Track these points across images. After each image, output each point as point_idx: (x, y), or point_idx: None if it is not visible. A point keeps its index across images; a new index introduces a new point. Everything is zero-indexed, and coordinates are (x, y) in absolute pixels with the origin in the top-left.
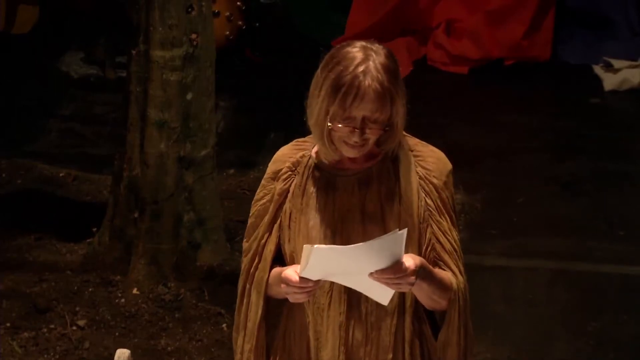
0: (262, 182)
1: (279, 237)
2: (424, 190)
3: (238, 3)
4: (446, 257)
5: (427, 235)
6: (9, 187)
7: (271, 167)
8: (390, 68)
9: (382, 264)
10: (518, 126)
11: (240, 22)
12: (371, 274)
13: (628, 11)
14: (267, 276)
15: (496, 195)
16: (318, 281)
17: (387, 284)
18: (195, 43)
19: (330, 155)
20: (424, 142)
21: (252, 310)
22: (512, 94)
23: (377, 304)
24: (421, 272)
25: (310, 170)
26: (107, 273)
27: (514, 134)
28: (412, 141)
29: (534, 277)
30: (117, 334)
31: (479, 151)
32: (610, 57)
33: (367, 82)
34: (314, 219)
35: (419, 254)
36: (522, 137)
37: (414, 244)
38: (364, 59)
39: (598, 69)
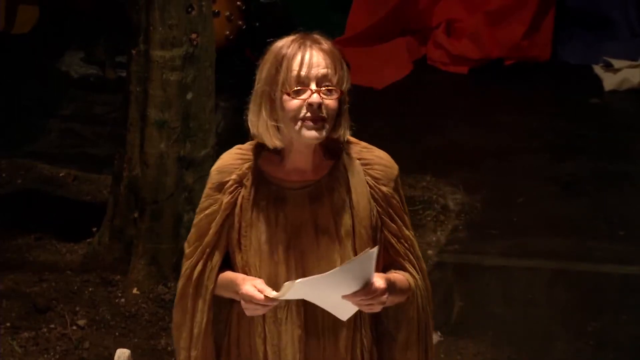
0: (207, 191)
1: (226, 248)
2: (374, 198)
3: (238, 3)
4: (400, 261)
5: (382, 242)
6: (9, 187)
7: (216, 177)
8: (330, 42)
9: (354, 284)
10: (518, 126)
11: (240, 22)
12: (344, 296)
13: (628, 11)
14: (213, 286)
15: (496, 195)
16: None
17: (360, 306)
18: (195, 43)
19: (275, 141)
20: (368, 146)
21: (197, 318)
22: (512, 94)
23: (330, 317)
24: (387, 285)
25: (259, 182)
26: (107, 273)
27: (514, 134)
28: (357, 147)
29: (534, 277)
30: (117, 333)
31: (479, 151)
32: (610, 57)
33: (310, 43)
34: (265, 233)
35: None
36: (522, 137)
37: None
38: (301, 34)
39: (598, 69)
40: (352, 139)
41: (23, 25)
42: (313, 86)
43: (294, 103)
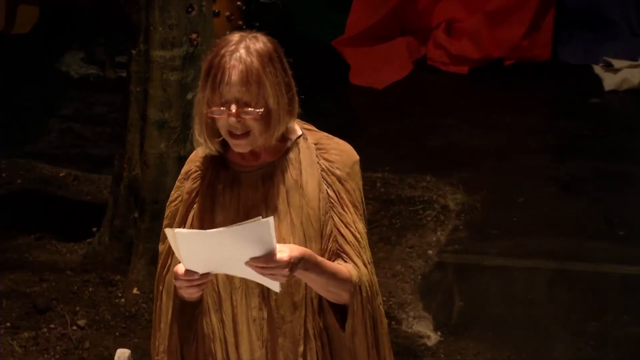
0: (176, 183)
1: None
2: (326, 182)
3: (238, 3)
4: (348, 249)
5: (329, 227)
6: (9, 187)
7: (184, 168)
8: (262, 52)
9: (253, 251)
10: (518, 126)
11: (240, 22)
12: (247, 262)
13: (628, 11)
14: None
15: (496, 195)
16: (207, 275)
17: (262, 274)
18: (195, 43)
19: (209, 147)
20: (329, 135)
21: (163, 312)
22: (512, 94)
23: (285, 297)
24: (303, 264)
25: (219, 168)
26: (107, 273)
27: (514, 134)
28: (318, 135)
29: (534, 277)
30: (117, 334)
31: (479, 151)
32: (610, 57)
33: (232, 63)
34: (219, 216)
35: (321, 246)
36: (522, 137)
37: (316, 236)
38: (237, 42)
39: (598, 69)
40: (314, 128)
41: (23, 25)
42: (233, 107)
43: (219, 120)
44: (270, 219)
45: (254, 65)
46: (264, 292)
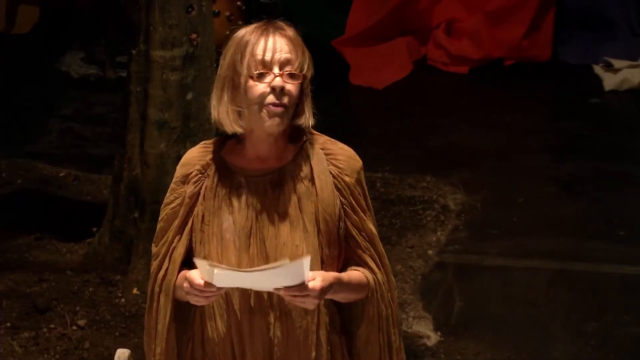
0: (172, 185)
1: (190, 241)
2: (337, 188)
3: (238, 3)
4: (361, 254)
5: (343, 233)
6: (9, 187)
7: (180, 171)
8: (294, 29)
9: (286, 284)
10: (518, 126)
11: (240, 22)
12: (276, 289)
13: (628, 11)
14: (175, 279)
15: (496, 195)
16: (221, 288)
17: (292, 301)
18: (195, 43)
19: (237, 124)
20: (332, 140)
21: (160, 314)
22: (512, 94)
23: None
24: (332, 290)
25: (221, 172)
26: (107, 273)
27: (514, 134)
28: (321, 139)
29: (534, 277)
30: (117, 334)
31: (479, 151)
32: (610, 57)
33: (272, 30)
34: (227, 221)
35: (339, 251)
36: (522, 137)
37: (334, 242)
38: (262, 23)
39: (598, 69)
40: (316, 132)
41: (23, 25)
42: (276, 70)
43: (258, 88)
44: (307, 259)
45: (293, 34)
46: (274, 298)
